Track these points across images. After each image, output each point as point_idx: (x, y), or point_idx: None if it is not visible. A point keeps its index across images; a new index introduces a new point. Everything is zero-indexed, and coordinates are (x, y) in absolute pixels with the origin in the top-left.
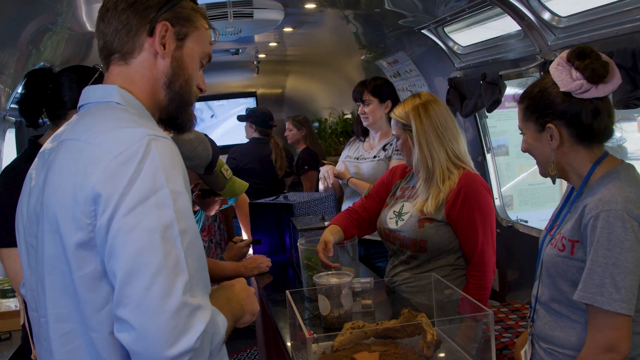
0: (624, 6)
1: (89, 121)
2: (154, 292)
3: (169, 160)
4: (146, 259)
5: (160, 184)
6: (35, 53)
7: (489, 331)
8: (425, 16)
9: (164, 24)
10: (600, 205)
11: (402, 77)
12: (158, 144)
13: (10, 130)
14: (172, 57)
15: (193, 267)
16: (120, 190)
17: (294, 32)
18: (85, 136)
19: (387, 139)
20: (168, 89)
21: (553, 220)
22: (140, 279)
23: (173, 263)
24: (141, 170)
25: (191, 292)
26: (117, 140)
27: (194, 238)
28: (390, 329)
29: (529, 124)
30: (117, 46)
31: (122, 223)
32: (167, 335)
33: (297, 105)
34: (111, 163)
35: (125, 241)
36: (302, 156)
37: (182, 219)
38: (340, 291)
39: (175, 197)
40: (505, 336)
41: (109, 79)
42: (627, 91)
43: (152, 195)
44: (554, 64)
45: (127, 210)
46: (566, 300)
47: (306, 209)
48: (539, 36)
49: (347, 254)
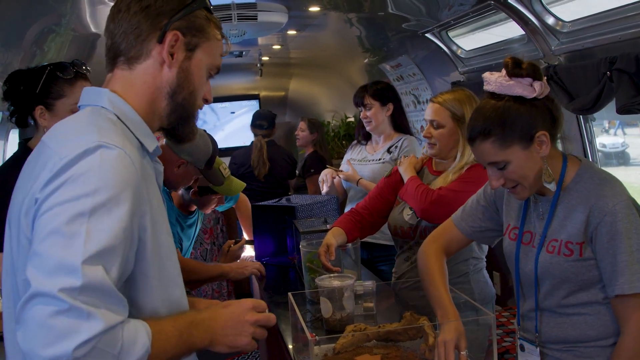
0: (627, 11)
1: (64, 124)
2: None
3: (110, 171)
4: (41, 261)
5: (86, 192)
6: (39, 54)
7: (491, 335)
8: (429, 20)
9: (174, 34)
10: (609, 203)
11: (405, 80)
12: (106, 152)
13: (13, 131)
14: (180, 68)
15: (91, 278)
16: (48, 192)
17: (298, 34)
18: (50, 139)
19: (392, 141)
20: (171, 100)
21: (520, 228)
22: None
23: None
24: (73, 175)
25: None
26: (68, 144)
27: (103, 248)
28: (392, 332)
29: (513, 148)
30: (124, 49)
31: (37, 223)
32: (45, 334)
33: (300, 108)
34: (55, 166)
35: (35, 239)
36: (309, 159)
37: (97, 230)
38: (342, 294)
39: (96, 209)
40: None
41: (110, 82)
42: (630, 96)
43: (72, 201)
44: (496, 87)
45: (44, 210)
46: (576, 300)
47: (309, 212)
48: (542, 41)
49: (349, 256)
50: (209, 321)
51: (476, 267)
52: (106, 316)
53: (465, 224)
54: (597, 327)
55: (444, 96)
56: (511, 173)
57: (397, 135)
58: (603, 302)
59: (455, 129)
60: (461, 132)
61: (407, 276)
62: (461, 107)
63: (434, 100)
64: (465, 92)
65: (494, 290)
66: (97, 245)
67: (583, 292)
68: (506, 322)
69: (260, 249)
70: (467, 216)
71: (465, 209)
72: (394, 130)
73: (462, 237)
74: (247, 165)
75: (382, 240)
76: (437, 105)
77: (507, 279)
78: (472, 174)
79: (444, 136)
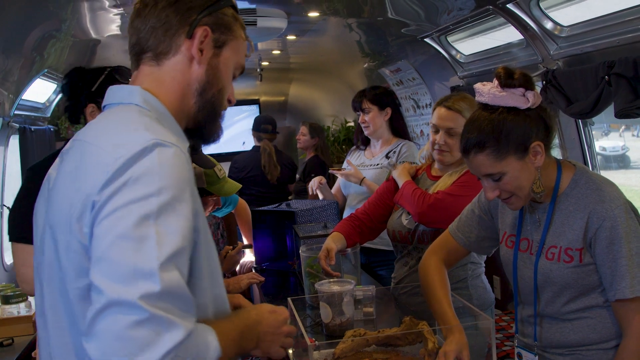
0: (625, 16)
1: (102, 122)
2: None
3: (170, 169)
4: (112, 267)
5: (150, 192)
6: (39, 60)
7: (491, 339)
8: (428, 25)
9: (205, 29)
10: (608, 208)
11: (405, 85)
12: (163, 150)
13: (14, 137)
14: (209, 65)
15: (169, 282)
16: (109, 194)
17: (297, 40)
18: (92, 137)
19: (390, 147)
20: (200, 97)
21: (517, 236)
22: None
23: (142, 273)
24: (134, 174)
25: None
26: (120, 143)
27: (175, 250)
28: (391, 337)
29: (509, 159)
30: (151, 44)
31: (100, 227)
32: (126, 347)
33: (300, 113)
34: (109, 166)
35: (99, 245)
36: (310, 164)
37: (166, 231)
38: (341, 299)
39: (163, 209)
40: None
41: (137, 78)
42: (629, 100)
43: (136, 202)
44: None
45: (106, 213)
46: (577, 305)
47: (308, 217)
48: (541, 45)
49: (349, 261)
50: (257, 325)
51: (474, 273)
52: (184, 322)
53: (462, 234)
54: (599, 330)
55: (457, 103)
56: (506, 184)
57: (395, 140)
58: (604, 305)
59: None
60: None
61: (406, 281)
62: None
63: (450, 106)
64: (472, 99)
65: (493, 295)
66: (170, 248)
67: (584, 297)
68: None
69: (260, 254)
70: (463, 226)
71: (460, 220)
72: (392, 135)
73: (460, 248)
74: (247, 170)
75: (381, 245)
76: (450, 112)
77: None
78: (468, 177)
79: (450, 140)
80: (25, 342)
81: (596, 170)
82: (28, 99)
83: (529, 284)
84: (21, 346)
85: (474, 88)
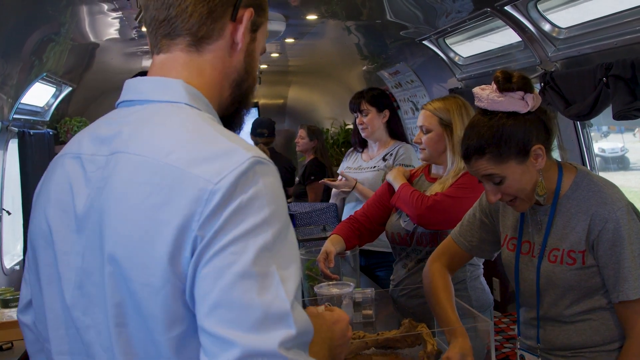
0: (623, 17)
1: (162, 132)
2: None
3: (274, 191)
4: (238, 313)
5: (262, 220)
6: (38, 64)
7: (490, 341)
8: (427, 27)
9: (250, 11)
10: (610, 209)
11: (404, 87)
12: (264, 169)
13: (13, 141)
14: (246, 51)
15: (301, 322)
16: (216, 227)
17: (296, 42)
18: (155, 152)
19: (387, 149)
20: (237, 88)
21: (518, 238)
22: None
23: (276, 316)
24: (242, 201)
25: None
26: (210, 162)
27: (297, 284)
28: (390, 339)
29: (509, 163)
30: (191, 27)
31: (210, 267)
32: None
33: (299, 115)
34: (208, 193)
35: (212, 288)
36: (309, 166)
37: (284, 263)
38: (340, 301)
39: (277, 239)
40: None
41: (173, 67)
42: (626, 102)
43: (251, 234)
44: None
45: (218, 249)
46: (580, 307)
47: (307, 220)
48: (539, 47)
49: (348, 264)
50: (331, 341)
51: (473, 274)
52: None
53: (464, 239)
54: (603, 332)
55: (434, 104)
56: (508, 188)
57: (392, 142)
58: (607, 307)
59: (442, 134)
60: (448, 138)
61: (405, 283)
62: (449, 114)
63: (424, 107)
64: (457, 100)
65: (492, 297)
66: (293, 283)
67: (587, 299)
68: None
69: None
70: (465, 231)
71: (462, 224)
72: (390, 137)
73: (463, 253)
74: None
75: (379, 247)
76: (426, 112)
77: (507, 285)
78: (467, 179)
79: (432, 140)
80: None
81: (595, 171)
82: (27, 103)
83: (531, 286)
84: (20, 350)
85: (473, 92)
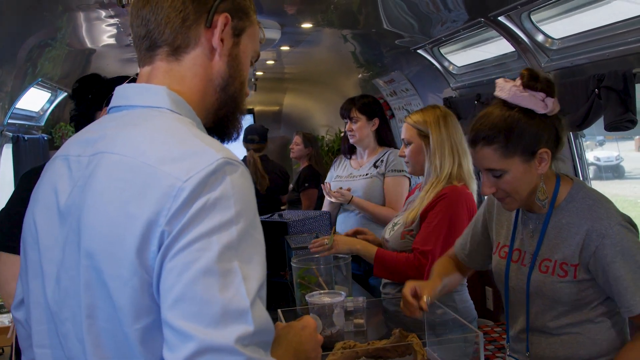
0: (616, 29)
1: (139, 133)
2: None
3: (242, 192)
4: (199, 308)
5: (228, 219)
6: (33, 69)
7: (479, 352)
8: (422, 36)
9: (225, 16)
10: (607, 225)
11: (399, 96)
12: (233, 170)
13: (7, 146)
14: (229, 56)
15: (260, 320)
16: (183, 223)
17: (291, 50)
18: (133, 152)
19: (376, 156)
20: (222, 92)
21: (510, 246)
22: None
23: (234, 313)
24: (209, 199)
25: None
26: (182, 162)
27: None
28: (381, 349)
29: (513, 159)
30: (167, 37)
31: (175, 261)
32: None
33: (294, 122)
34: (177, 190)
35: (176, 282)
36: (303, 173)
37: (248, 261)
38: (332, 310)
39: (242, 238)
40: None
41: (155, 76)
42: (618, 114)
43: (216, 231)
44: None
45: (183, 245)
46: (566, 320)
47: (301, 227)
48: (532, 58)
49: (340, 272)
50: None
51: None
52: (269, 358)
53: (463, 253)
54: (588, 347)
55: (413, 116)
56: (505, 183)
57: (381, 149)
58: (594, 320)
59: (421, 145)
60: (426, 149)
61: (397, 292)
62: (426, 125)
63: (405, 119)
64: (435, 111)
65: (475, 312)
66: (256, 282)
67: (574, 312)
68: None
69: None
70: (461, 242)
71: (462, 237)
72: (378, 145)
73: (463, 265)
74: None
75: None
76: (406, 125)
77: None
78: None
79: (413, 153)
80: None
81: (587, 181)
82: (22, 108)
83: (521, 295)
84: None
85: (496, 83)
